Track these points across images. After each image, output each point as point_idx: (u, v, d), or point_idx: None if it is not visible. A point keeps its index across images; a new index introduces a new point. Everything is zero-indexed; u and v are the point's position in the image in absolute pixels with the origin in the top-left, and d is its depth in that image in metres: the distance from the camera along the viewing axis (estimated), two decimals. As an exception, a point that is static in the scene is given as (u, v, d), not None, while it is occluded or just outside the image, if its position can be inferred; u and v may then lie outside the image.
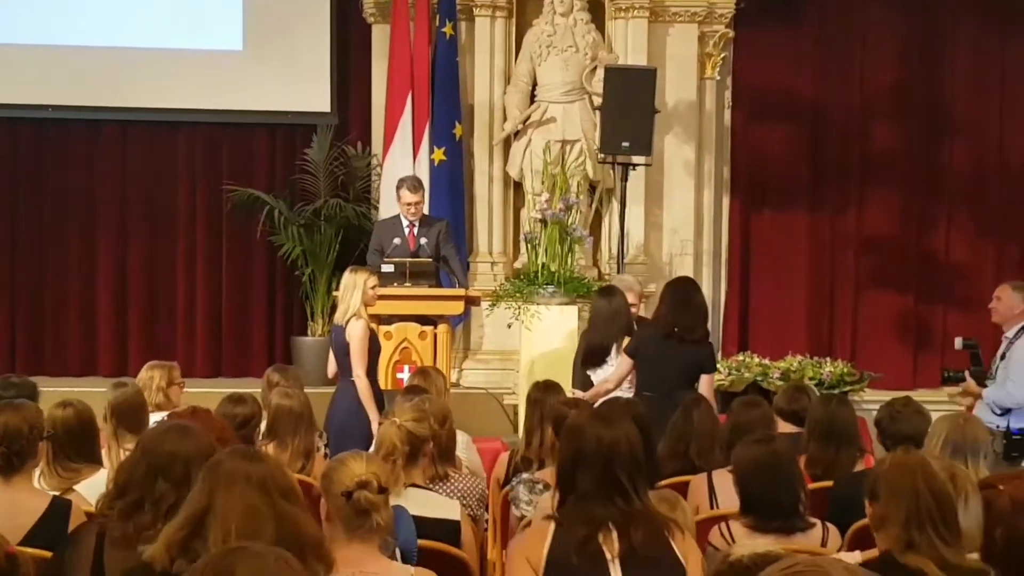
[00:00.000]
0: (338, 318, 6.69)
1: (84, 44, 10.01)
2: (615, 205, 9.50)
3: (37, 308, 10.39)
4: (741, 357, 9.60)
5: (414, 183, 8.33)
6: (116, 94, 10.09)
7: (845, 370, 9.45)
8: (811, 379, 9.10)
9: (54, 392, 6.14)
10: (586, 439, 3.25)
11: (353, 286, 6.65)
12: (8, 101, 10.05)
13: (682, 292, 6.51)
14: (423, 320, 7.86)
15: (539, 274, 8.60)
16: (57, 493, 4.05)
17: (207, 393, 7.47)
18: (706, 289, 10.12)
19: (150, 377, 5.84)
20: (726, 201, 10.42)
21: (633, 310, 7.09)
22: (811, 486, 4.38)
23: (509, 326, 8.68)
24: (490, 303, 8.70)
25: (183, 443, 3.23)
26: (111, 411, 4.93)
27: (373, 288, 6.70)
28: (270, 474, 2.79)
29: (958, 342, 7.37)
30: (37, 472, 4.17)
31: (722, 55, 10.12)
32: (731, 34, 10.14)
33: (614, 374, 6.61)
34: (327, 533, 3.08)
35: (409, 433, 4.22)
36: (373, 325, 6.93)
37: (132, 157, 10.39)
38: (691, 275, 9.85)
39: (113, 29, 10.01)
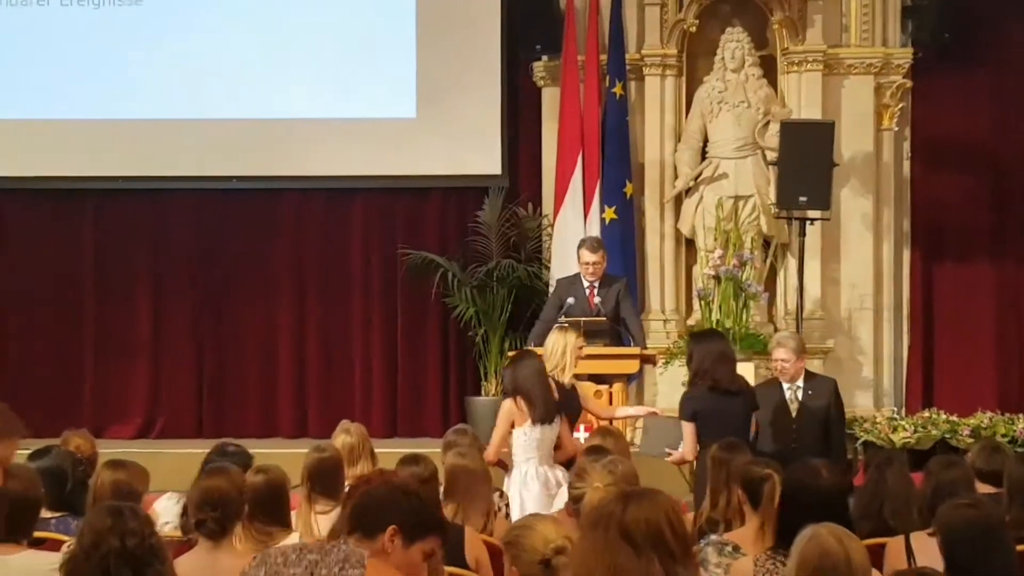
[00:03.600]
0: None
1: (264, 116, 10.36)
2: (790, 260, 9.34)
3: (220, 371, 10.70)
4: (927, 414, 9.27)
5: (593, 243, 8.32)
6: (294, 163, 10.40)
7: (1039, 426, 9.03)
8: (1003, 436, 8.72)
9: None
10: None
11: (564, 344, 6.64)
12: (194, 173, 10.45)
13: (714, 344, 6.63)
14: (598, 379, 7.80)
15: (714, 331, 8.47)
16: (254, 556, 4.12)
17: (386, 453, 7.52)
18: (887, 344, 9.88)
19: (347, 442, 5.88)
20: (907, 254, 10.14)
21: (786, 365, 6.99)
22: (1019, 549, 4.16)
23: (683, 384, 8.55)
24: (664, 361, 8.60)
25: None
26: (307, 474, 5.02)
27: (580, 348, 6.69)
28: None
29: None
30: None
31: (899, 105, 9.89)
32: (909, 84, 9.91)
33: (687, 445, 6.61)
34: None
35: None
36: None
37: (309, 223, 10.67)
38: (871, 330, 9.73)
39: (289, 101, 10.35)
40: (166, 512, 5.25)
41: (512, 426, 6.42)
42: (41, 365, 10.53)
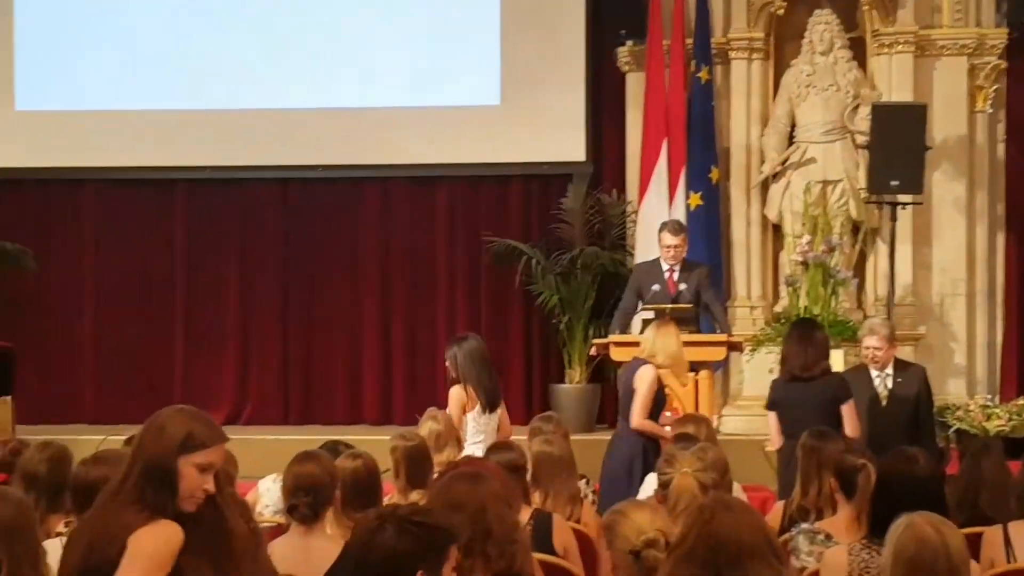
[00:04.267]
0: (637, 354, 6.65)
1: (350, 106, 10.44)
2: (880, 245, 9.19)
3: (306, 358, 10.81)
4: (1022, 401, 9.06)
5: (675, 226, 8.26)
6: (379, 152, 10.46)
7: None
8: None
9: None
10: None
11: (665, 335, 6.60)
12: (281, 163, 10.56)
13: (798, 332, 6.61)
14: (684, 366, 7.73)
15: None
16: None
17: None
18: (981, 330, 9.68)
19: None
20: (1000, 238, 9.93)
21: (878, 353, 6.88)
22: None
23: (771, 371, 8.45)
24: (751, 348, 8.51)
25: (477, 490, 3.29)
26: (401, 463, 5.04)
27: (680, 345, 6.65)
28: None
29: None
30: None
31: (994, 87, 9.66)
32: (1003, 65, 9.69)
33: (771, 433, 6.66)
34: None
35: (701, 484, 4.13)
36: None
37: (394, 212, 10.73)
38: (964, 316, 9.54)
39: (374, 90, 10.42)
40: (268, 493, 5.32)
41: (464, 411, 6.54)
42: (132, 354, 10.73)
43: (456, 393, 6.61)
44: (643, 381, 6.46)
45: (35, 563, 3.18)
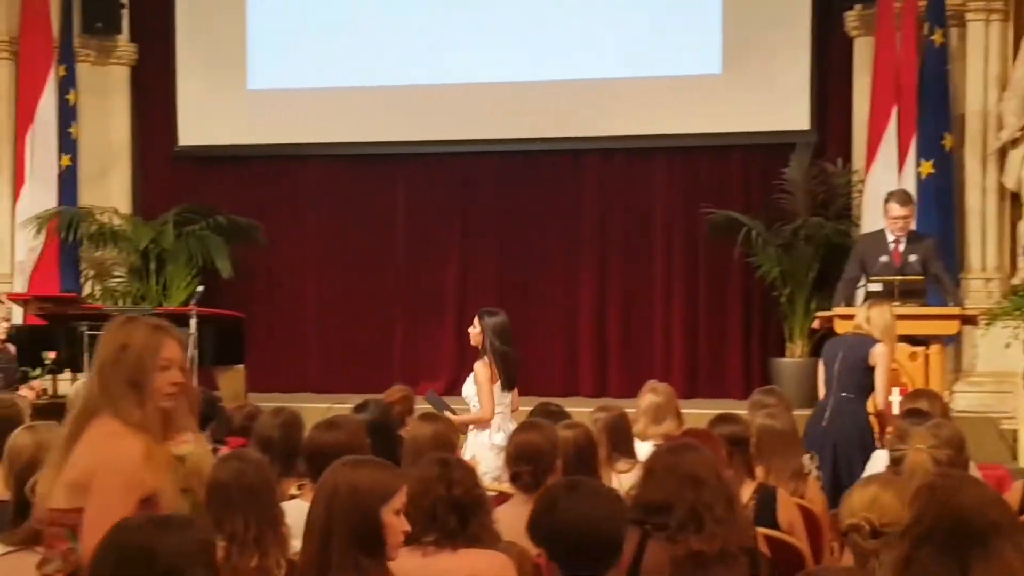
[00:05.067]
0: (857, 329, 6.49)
1: (567, 78, 10.43)
2: None
3: (522, 330, 10.81)
4: None
5: (903, 196, 7.94)
6: (596, 124, 10.42)
7: None
8: None
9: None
10: None
11: (879, 310, 6.49)
12: (499, 136, 10.63)
13: None
14: (914, 340, 7.43)
15: (1042, 291, 7.95)
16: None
17: (686, 414, 7.43)
18: None
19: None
20: None
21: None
22: None
23: (1008, 346, 8.09)
24: (986, 322, 8.13)
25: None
26: (605, 433, 5.02)
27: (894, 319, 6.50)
28: None
29: None
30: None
31: None
32: None
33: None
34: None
35: (936, 462, 3.95)
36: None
37: (611, 183, 10.69)
38: None
39: (592, 61, 10.38)
40: (485, 461, 5.38)
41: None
42: (354, 325, 11.02)
43: (483, 367, 6.51)
44: (882, 359, 6.30)
45: (276, 524, 3.26)
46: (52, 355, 8.05)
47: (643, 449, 5.17)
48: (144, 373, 3.04)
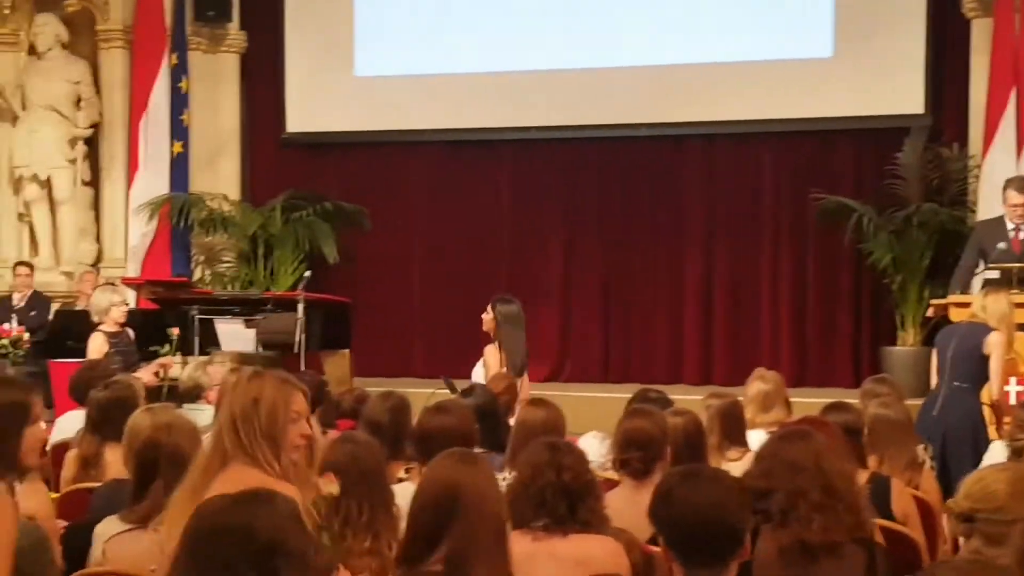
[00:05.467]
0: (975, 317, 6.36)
1: (673, 62, 10.33)
2: None
3: (627, 316, 10.82)
4: None
5: (1022, 183, 7.72)
6: (702, 109, 10.31)
7: None
8: None
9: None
10: None
11: (996, 298, 6.35)
12: (604, 122, 10.57)
13: None
14: (1035, 330, 7.22)
15: None
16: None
17: (795, 403, 7.32)
18: None
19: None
20: None
21: None
22: None
23: None
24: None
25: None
26: (716, 421, 4.97)
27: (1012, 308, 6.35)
28: None
29: None
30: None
31: None
32: None
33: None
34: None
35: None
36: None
37: (717, 169, 10.57)
38: None
39: (700, 45, 10.26)
40: (590, 450, 5.34)
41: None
42: (458, 311, 11.02)
43: (493, 352, 6.48)
44: (997, 348, 6.16)
45: (388, 506, 3.27)
46: (176, 331, 8.18)
47: (752, 438, 5.11)
48: (278, 426, 3.08)
